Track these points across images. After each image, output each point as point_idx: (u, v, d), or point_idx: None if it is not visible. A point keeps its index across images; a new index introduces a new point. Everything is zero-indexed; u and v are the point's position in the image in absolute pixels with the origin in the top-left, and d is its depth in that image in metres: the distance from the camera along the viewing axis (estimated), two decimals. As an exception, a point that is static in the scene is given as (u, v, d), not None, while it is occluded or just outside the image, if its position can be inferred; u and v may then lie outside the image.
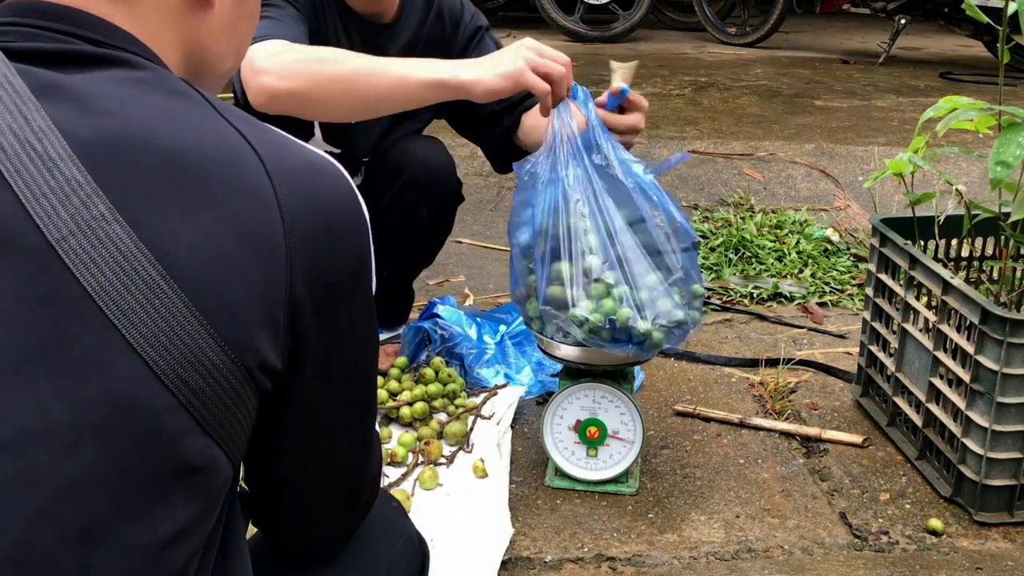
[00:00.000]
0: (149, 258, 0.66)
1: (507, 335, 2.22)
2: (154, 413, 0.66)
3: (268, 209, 0.71)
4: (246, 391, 0.70)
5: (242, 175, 0.71)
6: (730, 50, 6.30)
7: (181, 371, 0.66)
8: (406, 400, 1.94)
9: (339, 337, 0.77)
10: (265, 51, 1.59)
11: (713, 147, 3.70)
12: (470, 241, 3.06)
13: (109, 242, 0.65)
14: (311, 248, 0.72)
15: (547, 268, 1.63)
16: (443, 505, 1.70)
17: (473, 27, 2.05)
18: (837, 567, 1.59)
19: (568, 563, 1.59)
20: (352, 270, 0.77)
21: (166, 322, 0.66)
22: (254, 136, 0.73)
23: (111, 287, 0.65)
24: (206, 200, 0.69)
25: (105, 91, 0.70)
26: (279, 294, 0.71)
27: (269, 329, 0.70)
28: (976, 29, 5.68)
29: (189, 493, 0.68)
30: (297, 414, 0.78)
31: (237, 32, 0.88)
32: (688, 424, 2.02)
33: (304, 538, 0.91)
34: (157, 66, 0.76)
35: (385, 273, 2.19)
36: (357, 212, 0.77)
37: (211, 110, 0.74)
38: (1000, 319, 1.58)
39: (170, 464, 0.67)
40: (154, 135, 0.69)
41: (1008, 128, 1.68)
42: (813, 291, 2.72)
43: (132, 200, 0.67)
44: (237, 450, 0.72)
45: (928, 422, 1.82)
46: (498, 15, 7.21)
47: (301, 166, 0.75)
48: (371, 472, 0.90)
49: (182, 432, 0.67)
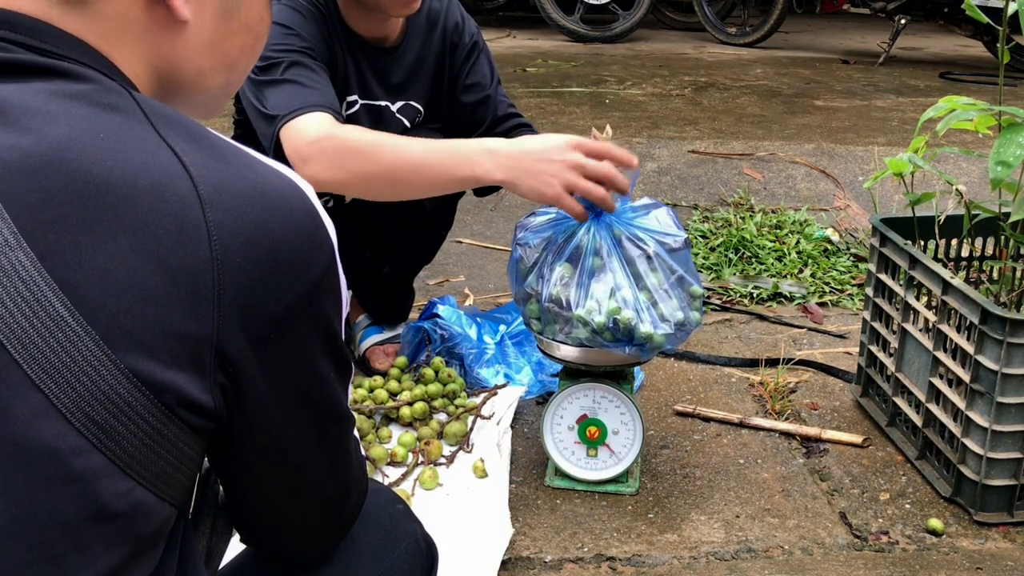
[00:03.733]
0: (55, 289, 0.62)
1: (507, 335, 2.22)
2: (61, 456, 0.61)
3: (194, 239, 0.65)
4: (169, 429, 0.66)
5: (167, 200, 0.65)
6: (730, 50, 6.30)
7: (88, 409, 0.62)
8: (406, 400, 1.94)
9: (290, 367, 0.72)
10: (308, 134, 1.62)
11: (713, 147, 3.70)
12: (470, 241, 3.06)
13: (12, 271, 0.61)
14: (249, 281, 0.67)
15: (550, 269, 1.63)
16: (443, 505, 1.70)
17: (468, 46, 2.06)
18: (837, 567, 1.59)
19: (568, 563, 1.59)
20: (304, 299, 0.71)
21: (72, 359, 0.62)
22: (193, 158, 0.67)
23: (12, 320, 0.61)
24: (122, 228, 0.64)
25: (33, 106, 0.66)
26: (205, 331, 0.66)
27: (192, 368, 0.66)
28: (976, 29, 5.68)
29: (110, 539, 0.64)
30: (255, 445, 0.74)
31: (223, 48, 0.82)
32: (688, 424, 2.02)
33: (288, 552, 0.89)
34: (103, 77, 0.71)
35: (386, 270, 2.19)
36: (312, 237, 0.71)
37: (147, 128, 0.68)
38: (1000, 319, 1.58)
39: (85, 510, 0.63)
40: (71, 157, 0.64)
41: (1008, 128, 1.68)
42: (813, 291, 2.72)
43: (42, 227, 0.62)
44: (172, 491, 0.68)
45: (928, 422, 1.82)
46: (498, 15, 7.22)
47: (244, 190, 0.68)
48: (351, 485, 0.86)
49: (96, 475, 0.63)
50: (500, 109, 2.06)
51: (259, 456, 0.76)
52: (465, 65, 2.05)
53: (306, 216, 0.71)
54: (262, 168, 0.72)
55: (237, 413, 0.70)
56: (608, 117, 4.11)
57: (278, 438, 0.75)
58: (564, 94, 4.61)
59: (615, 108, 4.32)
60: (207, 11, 0.79)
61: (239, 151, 0.72)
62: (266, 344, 0.69)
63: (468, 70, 2.05)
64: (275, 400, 0.72)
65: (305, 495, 0.82)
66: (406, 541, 0.99)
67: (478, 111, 2.05)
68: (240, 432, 0.72)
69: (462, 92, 2.05)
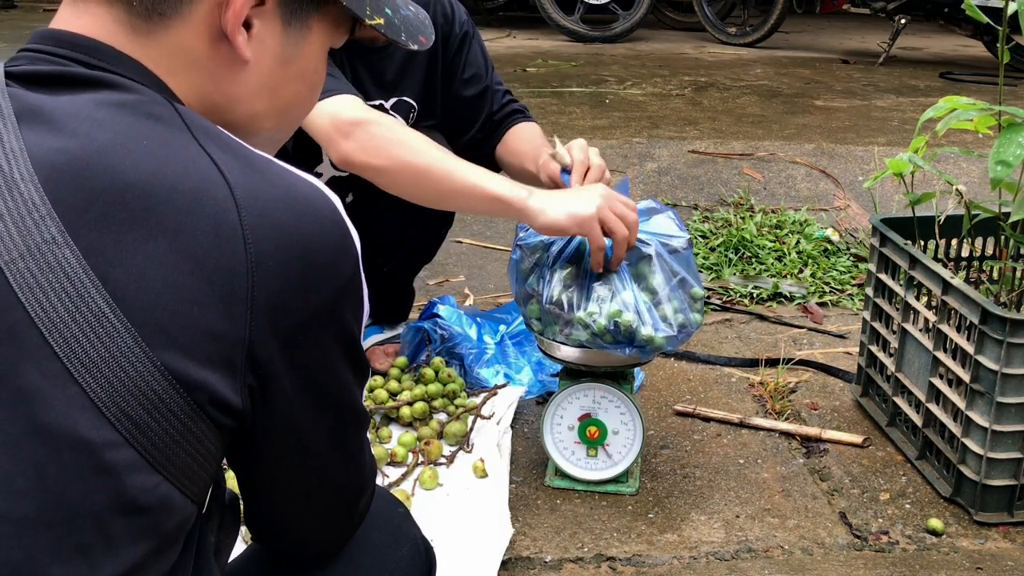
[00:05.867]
0: (97, 286, 0.64)
1: (507, 335, 2.22)
2: (94, 448, 0.63)
3: (231, 241, 0.68)
4: (199, 427, 0.68)
5: (205, 204, 0.68)
6: (730, 50, 6.30)
7: (124, 404, 0.64)
8: (406, 400, 1.94)
9: (314, 368, 0.75)
10: (347, 113, 1.64)
11: (713, 147, 3.70)
12: (470, 241, 3.06)
13: (58, 267, 0.64)
14: (280, 284, 0.70)
15: (551, 270, 1.63)
16: (443, 505, 1.70)
17: (460, 36, 2.05)
18: (837, 567, 1.59)
19: (568, 563, 1.59)
20: (329, 304, 0.74)
21: (110, 353, 0.64)
22: (230, 166, 0.71)
23: (56, 314, 0.63)
24: (162, 229, 0.66)
25: (81, 113, 0.69)
26: (238, 332, 0.68)
27: (224, 368, 0.68)
28: (976, 29, 5.68)
29: (136, 533, 0.65)
30: (278, 444, 0.76)
31: (278, 93, 0.85)
32: (688, 424, 2.02)
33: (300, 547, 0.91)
34: (149, 90, 0.74)
35: (386, 269, 2.19)
36: (340, 245, 0.74)
37: (187, 136, 0.71)
38: (1000, 319, 1.58)
39: (114, 502, 0.64)
40: (116, 161, 0.67)
41: (1008, 128, 1.68)
42: (813, 291, 2.72)
43: (86, 226, 0.65)
44: (195, 488, 0.70)
45: (928, 422, 1.82)
46: (498, 15, 7.22)
47: (278, 196, 0.71)
48: (364, 481, 0.89)
49: (126, 469, 0.64)
50: (496, 100, 2.06)
51: (281, 453, 0.78)
52: (459, 57, 2.04)
53: (335, 224, 0.74)
54: (293, 178, 0.75)
55: (263, 412, 0.72)
56: (608, 117, 4.11)
57: (300, 436, 0.77)
58: (564, 94, 4.61)
59: (615, 108, 4.32)
60: (267, 55, 0.81)
61: (271, 162, 0.75)
62: (294, 346, 0.72)
63: (463, 62, 2.04)
64: (300, 400, 0.75)
65: (323, 491, 0.84)
66: (407, 544, 1.01)
67: (477, 104, 2.05)
68: (264, 430, 0.74)
69: (461, 86, 2.05)
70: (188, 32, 0.77)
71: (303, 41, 0.84)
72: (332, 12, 0.85)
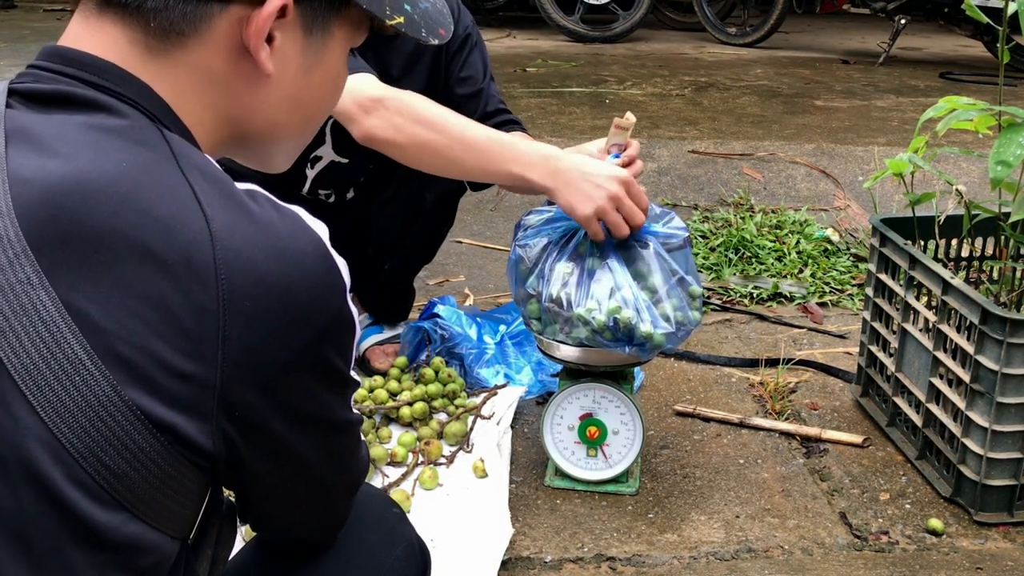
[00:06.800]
0: (74, 331, 0.62)
1: (507, 335, 2.22)
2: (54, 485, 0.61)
3: (202, 275, 0.64)
4: (178, 471, 0.66)
5: (178, 234, 0.65)
6: (730, 50, 6.30)
7: (101, 454, 0.62)
8: (406, 400, 1.94)
9: (298, 403, 0.72)
10: (369, 90, 1.66)
11: (713, 147, 3.70)
12: (470, 241, 3.06)
13: (32, 310, 0.61)
14: (256, 325, 0.66)
15: (551, 269, 1.63)
16: (443, 505, 1.70)
17: (462, 37, 2.06)
18: (837, 567, 1.59)
19: (568, 563, 1.59)
20: (312, 345, 0.70)
21: (87, 402, 0.62)
22: (210, 197, 0.67)
23: (28, 359, 0.61)
24: (129, 253, 0.63)
25: (69, 135, 0.68)
26: (208, 375, 0.65)
27: (192, 411, 0.65)
28: (976, 29, 5.68)
29: (104, 569, 0.64)
30: (269, 470, 0.75)
31: (300, 102, 0.83)
32: (688, 424, 2.02)
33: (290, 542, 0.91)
34: (142, 116, 0.72)
35: (387, 268, 2.19)
36: (325, 280, 0.70)
37: (172, 164, 0.69)
38: (1000, 319, 1.58)
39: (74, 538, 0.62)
40: (89, 179, 0.65)
41: (1008, 128, 1.68)
42: (813, 291, 2.72)
43: (48, 243, 0.63)
44: (176, 526, 0.68)
45: (928, 422, 1.82)
46: (498, 15, 7.22)
47: (257, 234, 0.68)
48: (360, 477, 0.88)
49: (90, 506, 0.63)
50: (490, 104, 2.06)
51: (273, 476, 0.76)
52: (458, 56, 2.05)
53: (319, 259, 0.71)
54: (277, 215, 0.71)
55: (249, 450, 0.70)
56: (608, 117, 4.09)
57: (291, 460, 0.76)
58: (564, 94, 4.60)
59: (615, 108, 4.32)
60: (290, 66, 0.80)
61: (256, 196, 0.72)
62: (274, 388, 0.69)
63: (461, 62, 2.05)
64: (287, 433, 0.73)
65: (319, 496, 0.84)
66: (403, 545, 1.01)
67: (468, 104, 2.05)
68: (250, 459, 0.72)
69: (456, 84, 2.05)
70: (207, 50, 0.75)
71: (324, 48, 0.82)
72: (353, 15, 0.83)
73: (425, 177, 2.01)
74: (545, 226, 1.69)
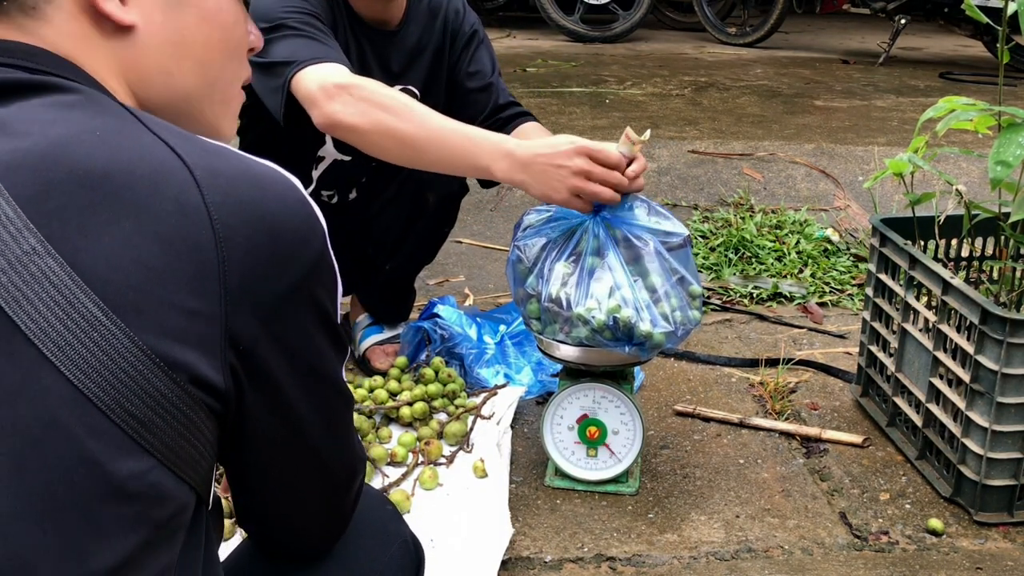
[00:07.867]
0: (85, 291, 0.64)
1: (507, 335, 2.22)
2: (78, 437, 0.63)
3: (196, 219, 0.67)
4: (198, 415, 0.68)
5: (166, 185, 0.68)
6: (730, 50, 6.30)
7: (129, 405, 0.64)
8: (406, 400, 1.94)
9: (296, 341, 0.74)
10: (334, 77, 1.64)
11: (713, 147, 3.70)
12: (470, 241, 3.06)
13: (43, 277, 0.63)
14: (252, 259, 0.69)
15: (550, 268, 1.63)
16: (443, 505, 1.70)
17: (468, 34, 2.07)
18: (837, 567, 1.59)
19: (568, 563, 1.59)
20: (302, 280, 0.73)
21: (108, 356, 0.64)
22: (186, 149, 0.70)
23: (47, 323, 0.63)
24: (125, 211, 0.66)
25: (32, 116, 0.69)
26: (213, 309, 0.68)
27: (202, 346, 0.67)
28: (976, 29, 5.69)
29: (127, 522, 0.65)
30: (268, 426, 0.76)
31: (185, 44, 0.81)
32: (688, 424, 2.02)
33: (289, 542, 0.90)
34: (93, 91, 0.73)
35: (388, 268, 2.20)
36: (307, 222, 0.74)
37: (139, 126, 0.71)
38: (1000, 319, 1.58)
39: (101, 490, 0.64)
40: (70, 151, 0.67)
41: (1008, 128, 1.68)
42: (813, 291, 2.72)
43: (46, 216, 0.64)
44: (195, 475, 0.70)
45: (928, 422, 1.82)
46: (498, 15, 7.22)
47: (237, 175, 0.71)
48: (356, 463, 0.88)
49: (114, 455, 0.64)
50: (502, 98, 2.06)
51: (273, 436, 0.77)
52: (465, 53, 2.06)
53: (299, 202, 0.74)
54: (252, 160, 0.74)
55: (250, 391, 0.72)
56: (608, 117, 4.11)
57: (290, 413, 0.77)
58: (564, 94, 4.61)
59: (615, 108, 4.32)
60: (153, 11, 0.79)
61: (227, 147, 0.74)
62: (273, 320, 0.71)
63: (469, 58, 2.06)
64: (285, 375, 0.74)
65: (317, 475, 0.84)
66: (397, 542, 1.01)
67: (480, 97, 2.05)
68: (253, 415, 0.73)
69: (466, 78, 2.06)
70: (69, 20, 0.75)
71: None
72: None
73: (427, 178, 2.02)
74: (544, 225, 1.69)
